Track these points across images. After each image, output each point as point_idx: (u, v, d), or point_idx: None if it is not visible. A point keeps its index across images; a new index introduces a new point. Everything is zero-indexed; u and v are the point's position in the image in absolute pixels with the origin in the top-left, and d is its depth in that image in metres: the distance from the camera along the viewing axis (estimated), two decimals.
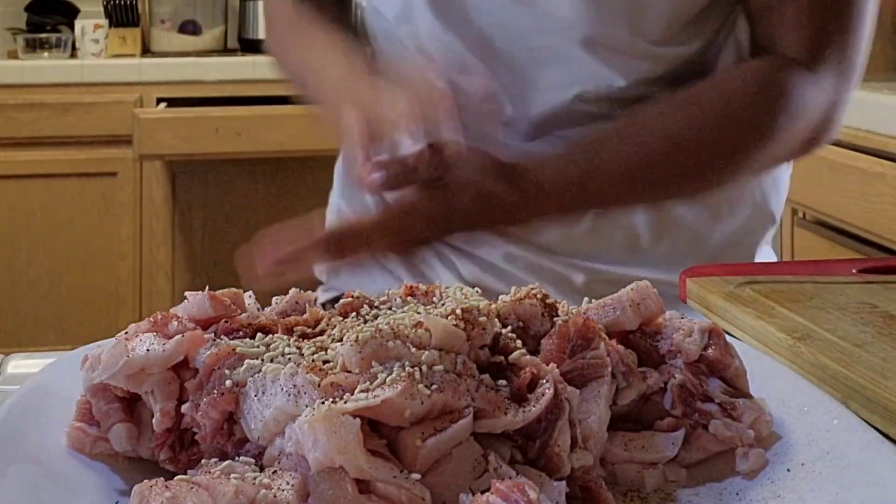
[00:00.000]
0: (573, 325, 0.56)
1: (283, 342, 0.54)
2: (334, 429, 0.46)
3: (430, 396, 0.48)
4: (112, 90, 3.07)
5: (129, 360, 0.53)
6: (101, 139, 3.05)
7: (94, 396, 0.56)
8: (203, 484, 0.46)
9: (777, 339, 0.68)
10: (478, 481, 0.47)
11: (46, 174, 3.05)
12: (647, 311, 0.60)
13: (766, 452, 0.55)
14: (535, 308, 0.58)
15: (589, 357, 0.55)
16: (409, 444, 0.47)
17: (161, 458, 0.54)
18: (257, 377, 0.51)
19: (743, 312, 0.73)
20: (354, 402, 0.47)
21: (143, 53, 3.37)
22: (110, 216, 3.09)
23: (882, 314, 0.71)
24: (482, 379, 0.51)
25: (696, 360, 0.58)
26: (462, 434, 0.48)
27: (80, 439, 0.55)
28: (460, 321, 0.53)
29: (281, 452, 0.49)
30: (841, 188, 1.95)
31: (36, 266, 3.07)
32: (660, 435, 0.56)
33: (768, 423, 0.57)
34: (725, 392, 0.58)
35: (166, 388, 0.54)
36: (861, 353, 0.64)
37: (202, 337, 0.55)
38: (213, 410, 0.52)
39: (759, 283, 0.78)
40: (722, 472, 0.55)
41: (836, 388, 0.61)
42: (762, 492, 0.53)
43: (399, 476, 0.46)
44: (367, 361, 0.50)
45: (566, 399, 0.51)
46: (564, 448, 0.50)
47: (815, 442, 0.55)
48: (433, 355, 0.50)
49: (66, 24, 3.39)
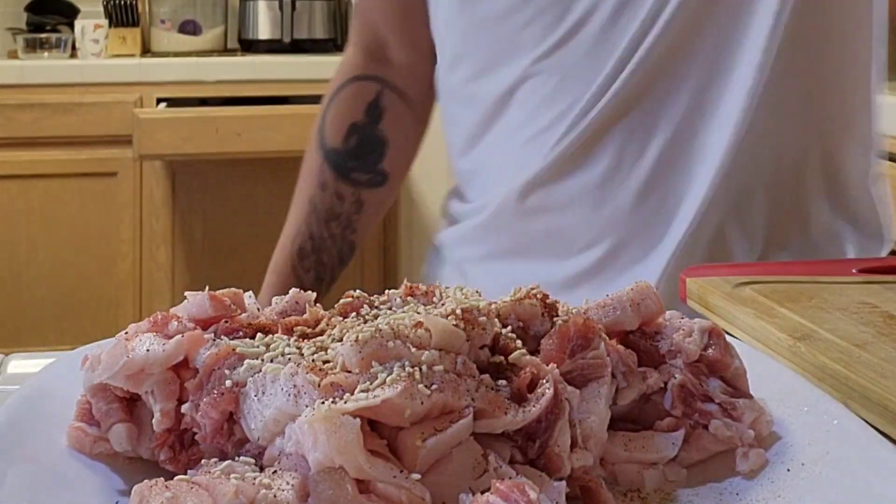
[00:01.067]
0: (573, 325, 0.56)
1: (283, 342, 0.54)
2: (334, 429, 0.46)
3: (430, 396, 0.48)
4: (112, 90, 3.08)
5: (129, 360, 0.53)
6: (101, 139, 3.05)
7: (94, 396, 0.56)
8: (203, 484, 0.46)
9: (777, 339, 0.68)
10: (478, 481, 0.47)
11: (46, 174, 3.05)
12: (647, 311, 0.60)
13: (766, 452, 0.55)
14: (535, 308, 0.58)
15: (589, 357, 0.55)
16: (409, 444, 0.47)
17: (161, 458, 0.54)
18: (257, 377, 0.51)
19: (743, 312, 0.73)
20: (354, 402, 0.47)
21: (143, 53, 3.37)
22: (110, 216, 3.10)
23: (882, 314, 0.71)
24: (482, 379, 0.51)
25: (696, 360, 0.58)
26: (462, 434, 0.48)
27: (80, 439, 0.55)
28: (460, 321, 0.53)
29: (281, 452, 0.49)
30: None
31: (36, 266, 3.07)
32: (660, 435, 0.56)
33: (768, 423, 0.57)
34: (725, 392, 0.58)
35: (166, 389, 0.54)
36: (861, 353, 0.64)
37: (202, 337, 0.55)
38: (213, 410, 0.52)
39: (759, 283, 0.78)
40: (722, 472, 0.55)
41: (836, 388, 0.61)
42: (762, 492, 0.53)
43: (399, 476, 0.46)
44: (367, 361, 0.50)
45: (566, 399, 0.51)
46: (564, 448, 0.50)
47: (815, 442, 0.55)
48: (433, 355, 0.50)
49: (66, 24, 3.39)
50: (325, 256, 1.16)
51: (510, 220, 1.03)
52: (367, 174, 1.16)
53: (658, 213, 0.98)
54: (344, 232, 1.16)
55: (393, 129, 1.16)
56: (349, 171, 1.15)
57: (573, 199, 0.99)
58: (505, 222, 1.03)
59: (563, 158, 0.98)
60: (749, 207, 0.98)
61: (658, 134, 0.96)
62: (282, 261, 1.17)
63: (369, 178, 1.16)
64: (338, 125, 1.17)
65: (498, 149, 1.04)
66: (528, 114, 1.00)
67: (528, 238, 1.02)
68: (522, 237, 1.03)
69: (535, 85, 0.99)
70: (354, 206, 1.16)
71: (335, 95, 1.19)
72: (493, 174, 1.05)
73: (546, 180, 1.00)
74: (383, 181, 1.16)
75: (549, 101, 0.98)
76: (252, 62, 3.19)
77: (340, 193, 1.15)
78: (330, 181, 1.15)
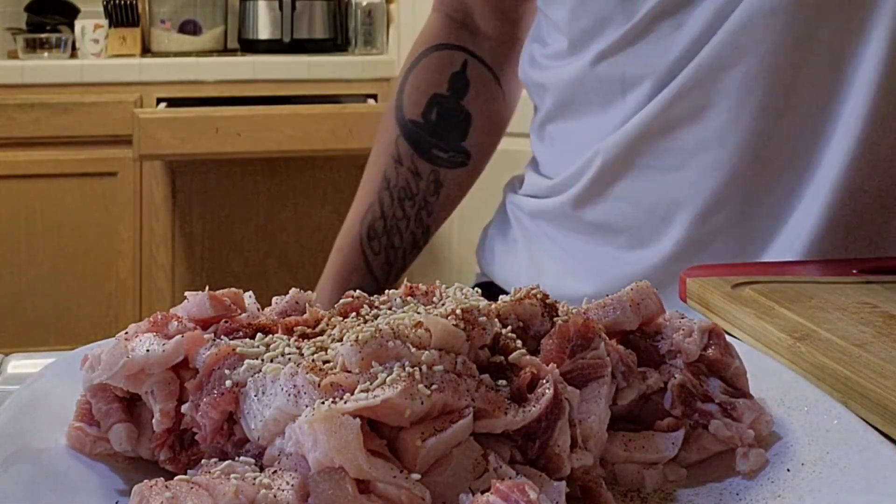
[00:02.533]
0: (573, 325, 0.56)
1: (283, 342, 0.54)
2: (334, 429, 0.46)
3: (430, 396, 0.48)
4: (112, 90, 3.08)
5: (129, 360, 0.53)
6: (101, 139, 3.05)
7: (94, 396, 0.56)
8: (203, 484, 0.46)
9: (777, 339, 0.68)
10: (478, 481, 0.47)
11: (46, 174, 3.05)
12: (647, 311, 0.60)
13: (766, 452, 0.55)
14: (535, 308, 0.58)
15: (589, 357, 0.55)
16: (409, 444, 0.47)
17: (161, 458, 0.54)
18: (257, 377, 0.51)
19: (743, 312, 0.73)
20: (354, 402, 0.47)
21: (143, 53, 3.37)
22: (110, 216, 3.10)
23: (882, 314, 0.71)
24: (482, 379, 0.51)
25: (696, 360, 0.59)
26: (462, 434, 0.48)
27: (80, 439, 0.55)
28: (460, 321, 0.53)
29: (281, 452, 0.49)
30: None
31: (36, 266, 3.07)
32: (660, 435, 0.56)
33: (768, 423, 0.57)
34: (725, 392, 0.58)
35: (166, 389, 0.54)
36: (861, 353, 0.64)
37: (202, 337, 0.55)
38: (213, 410, 0.52)
39: (759, 283, 0.78)
40: (722, 472, 0.55)
41: (836, 388, 0.61)
42: (762, 492, 0.53)
43: (399, 476, 0.46)
44: (367, 361, 0.50)
45: (566, 399, 0.51)
46: (564, 448, 0.50)
47: (815, 442, 0.55)
48: (433, 355, 0.50)
49: (66, 24, 3.39)
50: (397, 239, 1.06)
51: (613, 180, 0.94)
52: (448, 152, 1.06)
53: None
54: (419, 213, 1.06)
55: (478, 105, 1.06)
56: (429, 146, 1.05)
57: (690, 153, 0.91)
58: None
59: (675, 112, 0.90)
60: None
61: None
62: (349, 241, 1.06)
63: (450, 156, 1.06)
64: (418, 96, 1.06)
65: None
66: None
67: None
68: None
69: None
70: (432, 187, 1.06)
71: (416, 63, 1.07)
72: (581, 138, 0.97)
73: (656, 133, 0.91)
74: (465, 161, 1.06)
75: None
76: (252, 62, 3.18)
77: (418, 171, 1.05)
78: (406, 156, 1.05)
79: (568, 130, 1.00)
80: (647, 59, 0.91)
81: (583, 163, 0.96)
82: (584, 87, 0.96)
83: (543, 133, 1.03)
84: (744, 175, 0.91)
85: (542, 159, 1.04)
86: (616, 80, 0.93)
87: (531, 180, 1.05)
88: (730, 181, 0.91)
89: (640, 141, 0.92)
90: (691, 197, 0.92)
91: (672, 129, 0.91)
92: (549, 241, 1.01)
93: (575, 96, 0.97)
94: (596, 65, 0.94)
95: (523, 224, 1.05)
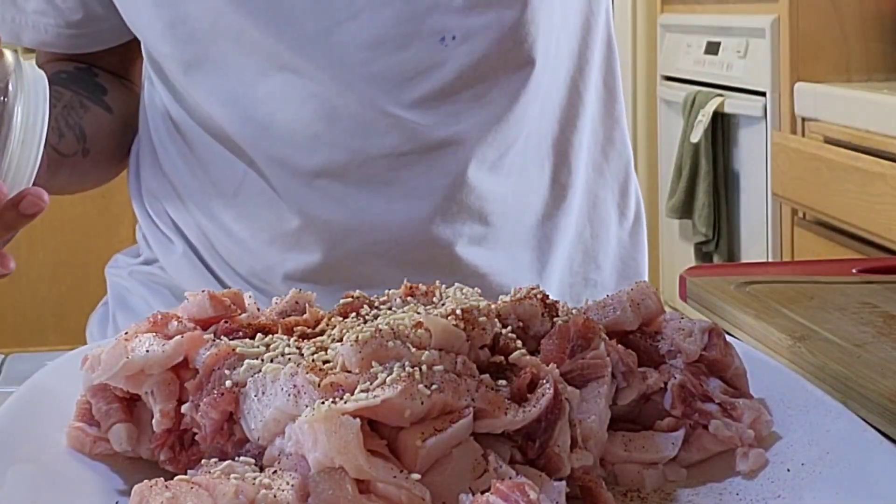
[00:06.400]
0: (573, 325, 0.56)
1: (283, 342, 0.54)
2: (334, 429, 0.46)
3: (430, 396, 0.48)
4: None
5: (129, 360, 0.53)
6: None
7: (94, 396, 0.56)
8: (203, 484, 0.46)
9: (777, 339, 0.68)
10: (478, 481, 0.47)
11: None
12: (647, 311, 0.60)
13: (766, 452, 0.55)
14: (535, 308, 0.58)
15: (589, 357, 0.55)
16: (409, 444, 0.47)
17: (161, 458, 0.54)
18: (257, 377, 0.51)
19: (743, 312, 0.73)
20: (354, 402, 0.47)
21: None
22: (110, 216, 3.09)
23: (882, 314, 0.71)
24: (482, 379, 0.51)
25: (696, 360, 0.58)
26: (462, 434, 0.48)
27: (80, 439, 0.55)
28: (460, 321, 0.53)
29: (281, 452, 0.49)
30: (841, 188, 1.94)
31: (36, 266, 3.07)
32: (660, 435, 0.56)
33: (768, 423, 0.57)
34: (725, 392, 0.58)
35: (166, 389, 0.54)
36: (861, 353, 0.64)
37: (202, 337, 0.55)
38: (213, 410, 0.52)
39: (759, 283, 0.78)
40: (722, 472, 0.55)
41: (836, 388, 0.61)
42: (762, 492, 0.53)
43: (399, 476, 0.46)
44: (367, 361, 0.50)
45: (566, 399, 0.51)
46: (564, 448, 0.50)
47: (815, 442, 0.55)
48: (433, 355, 0.50)
49: None
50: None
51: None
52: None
53: None
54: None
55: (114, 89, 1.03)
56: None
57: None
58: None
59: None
60: None
61: None
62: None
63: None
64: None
65: None
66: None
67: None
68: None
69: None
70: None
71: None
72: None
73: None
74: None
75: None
76: None
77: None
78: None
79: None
80: None
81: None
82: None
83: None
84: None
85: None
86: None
87: None
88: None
89: None
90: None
91: None
92: None
93: None
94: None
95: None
